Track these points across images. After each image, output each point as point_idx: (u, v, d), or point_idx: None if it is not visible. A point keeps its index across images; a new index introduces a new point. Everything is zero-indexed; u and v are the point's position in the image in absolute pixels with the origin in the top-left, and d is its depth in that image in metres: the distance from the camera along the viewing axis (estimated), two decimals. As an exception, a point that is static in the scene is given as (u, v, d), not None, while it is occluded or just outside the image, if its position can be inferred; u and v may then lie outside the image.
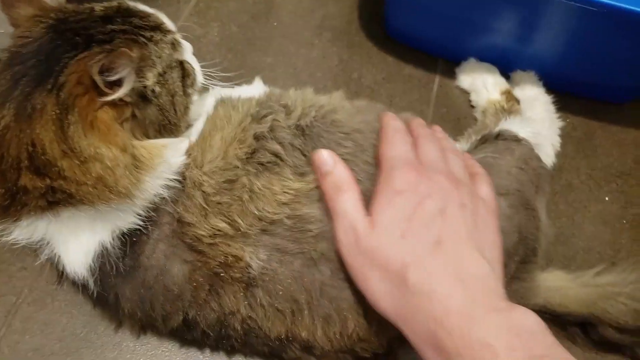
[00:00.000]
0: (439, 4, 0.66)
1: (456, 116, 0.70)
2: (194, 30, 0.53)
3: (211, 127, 0.49)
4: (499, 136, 0.59)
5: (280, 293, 0.44)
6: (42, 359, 0.52)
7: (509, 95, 0.67)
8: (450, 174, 0.45)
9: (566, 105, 0.69)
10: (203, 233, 0.44)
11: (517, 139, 0.58)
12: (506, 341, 0.35)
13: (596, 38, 0.60)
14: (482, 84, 0.69)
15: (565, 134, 0.67)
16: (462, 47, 0.71)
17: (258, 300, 0.44)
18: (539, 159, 0.58)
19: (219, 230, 0.44)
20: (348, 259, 0.42)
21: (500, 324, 0.36)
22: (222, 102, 0.51)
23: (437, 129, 0.55)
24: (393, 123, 0.50)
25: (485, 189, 0.48)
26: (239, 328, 0.46)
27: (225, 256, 0.44)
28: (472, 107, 0.70)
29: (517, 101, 0.67)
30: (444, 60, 0.73)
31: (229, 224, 0.44)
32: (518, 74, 0.70)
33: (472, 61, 0.71)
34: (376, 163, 0.48)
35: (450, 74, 0.72)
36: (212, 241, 0.44)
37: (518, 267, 0.52)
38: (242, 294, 0.44)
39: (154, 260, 0.44)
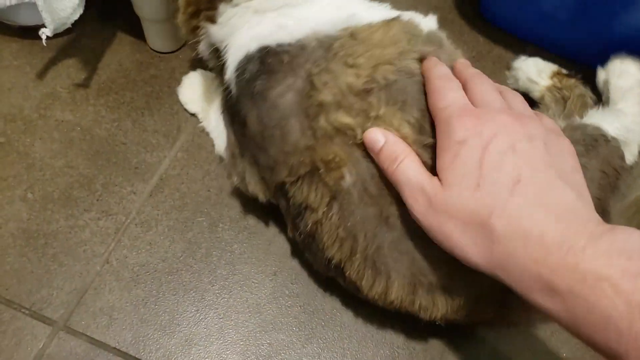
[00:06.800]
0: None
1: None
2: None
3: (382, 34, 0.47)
4: (585, 131, 0.54)
5: (349, 224, 0.45)
6: (147, 274, 0.57)
7: (559, 75, 0.64)
8: (510, 111, 0.43)
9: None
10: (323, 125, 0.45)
11: (605, 139, 0.54)
12: (620, 268, 0.32)
13: None
14: (526, 78, 0.67)
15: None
16: (552, 35, 0.72)
17: (331, 215, 0.45)
18: (623, 158, 0.55)
19: (339, 126, 0.44)
20: (425, 222, 0.41)
21: (607, 250, 0.33)
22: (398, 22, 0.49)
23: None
24: (436, 70, 0.46)
25: (547, 120, 0.45)
26: (309, 225, 0.47)
27: (331, 158, 0.44)
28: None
29: (571, 77, 0.64)
30: (533, 46, 0.75)
31: (347, 126, 0.44)
32: (618, 61, 0.62)
33: (519, 60, 0.68)
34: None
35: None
36: (331, 132, 0.45)
37: None
38: (326, 199, 0.45)
39: (280, 103, 0.45)
